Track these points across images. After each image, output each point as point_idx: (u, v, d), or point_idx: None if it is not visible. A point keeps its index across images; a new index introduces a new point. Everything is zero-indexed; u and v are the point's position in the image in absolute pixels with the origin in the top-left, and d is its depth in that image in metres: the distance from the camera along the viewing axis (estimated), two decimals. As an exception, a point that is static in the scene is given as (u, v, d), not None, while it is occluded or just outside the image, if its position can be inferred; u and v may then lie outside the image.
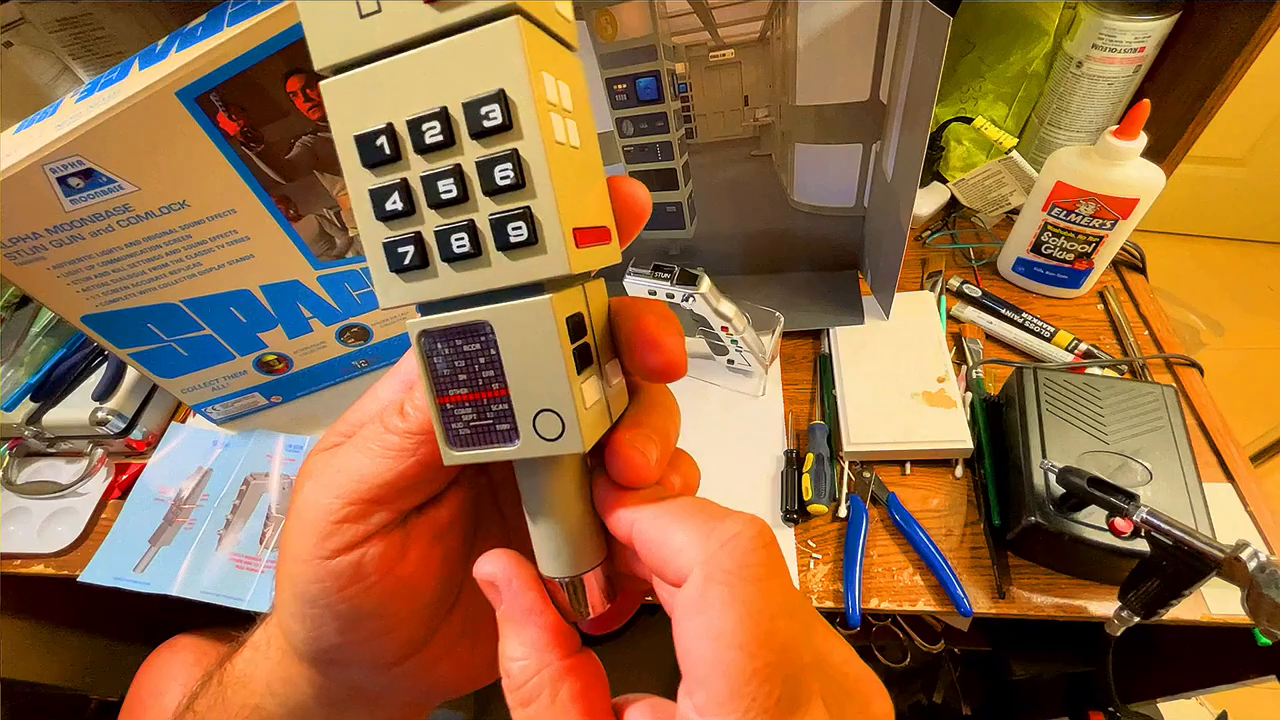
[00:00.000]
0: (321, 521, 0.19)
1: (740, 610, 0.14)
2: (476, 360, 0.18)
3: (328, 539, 0.19)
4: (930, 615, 0.80)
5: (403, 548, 0.20)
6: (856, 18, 0.50)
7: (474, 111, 0.16)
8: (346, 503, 0.19)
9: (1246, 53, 0.57)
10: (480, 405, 0.18)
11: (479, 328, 0.17)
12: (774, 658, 0.14)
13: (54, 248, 0.46)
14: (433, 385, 0.18)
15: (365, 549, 0.19)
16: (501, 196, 0.16)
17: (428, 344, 0.18)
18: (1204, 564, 0.39)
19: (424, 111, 0.16)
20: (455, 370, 0.18)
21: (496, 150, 0.16)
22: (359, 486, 0.19)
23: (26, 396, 0.64)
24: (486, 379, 0.18)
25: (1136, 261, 0.71)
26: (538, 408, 0.17)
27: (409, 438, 0.19)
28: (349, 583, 0.19)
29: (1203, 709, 0.99)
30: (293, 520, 0.20)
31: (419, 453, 0.19)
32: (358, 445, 0.20)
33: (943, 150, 0.75)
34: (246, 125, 0.45)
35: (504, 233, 0.17)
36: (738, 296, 0.57)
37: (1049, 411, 0.51)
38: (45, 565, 0.59)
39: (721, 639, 0.14)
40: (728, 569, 0.15)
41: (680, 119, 0.59)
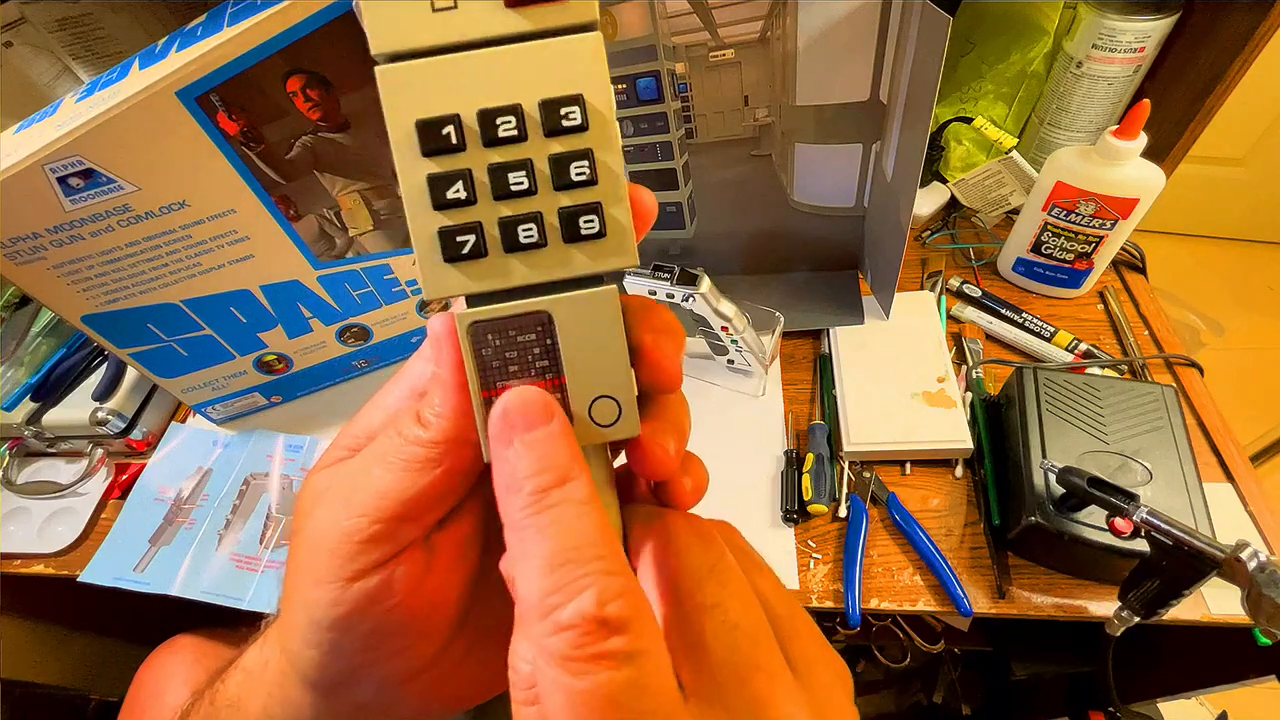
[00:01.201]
0: (344, 543, 0.18)
1: None
2: (530, 350, 0.18)
3: (351, 561, 0.18)
4: (930, 615, 0.80)
5: (428, 563, 0.20)
6: (856, 18, 0.50)
7: (552, 111, 0.17)
8: (373, 521, 0.18)
9: (1246, 53, 0.57)
10: None
11: (538, 318, 0.18)
12: None
13: (54, 248, 0.46)
14: (480, 378, 0.18)
15: (393, 569, 0.19)
16: (574, 191, 0.17)
17: (477, 336, 0.18)
18: (1204, 564, 0.39)
19: (497, 105, 0.17)
20: (506, 362, 0.18)
21: (573, 148, 0.17)
22: (383, 504, 0.18)
23: (26, 396, 0.63)
24: (540, 369, 0.18)
25: (1136, 261, 0.71)
26: (595, 395, 0.18)
27: (434, 448, 0.18)
28: (374, 604, 0.19)
29: (1203, 709, 0.99)
30: (307, 543, 0.19)
31: (445, 463, 0.18)
32: (376, 459, 0.19)
33: (943, 150, 0.75)
34: (246, 125, 0.45)
35: (574, 226, 0.17)
36: (738, 296, 0.57)
37: (1049, 411, 0.51)
38: (45, 565, 0.59)
39: None
40: (557, 660, 0.15)
41: (680, 119, 0.59)
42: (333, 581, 0.18)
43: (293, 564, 0.20)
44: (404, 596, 0.19)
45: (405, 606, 0.19)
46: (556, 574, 0.15)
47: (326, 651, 0.19)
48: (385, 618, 0.19)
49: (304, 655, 0.20)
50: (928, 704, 0.94)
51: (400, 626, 0.19)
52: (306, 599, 0.19)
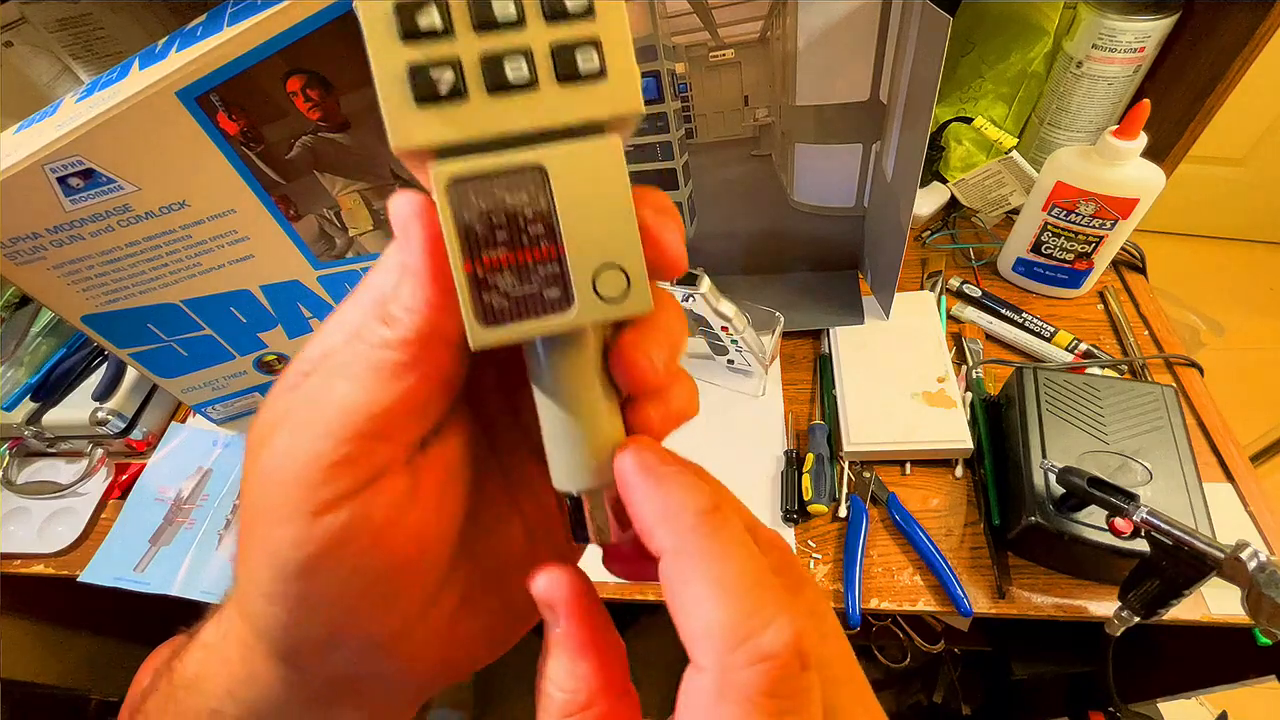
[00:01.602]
0: (310, 470, 0.15)
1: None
2: (522, 213, 0.15)
3: (319, 489, 0.15)
4: (930, 615, 0.80)
5: (410, 492, 0.17)
6: (856, 18, 0.50)
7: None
8: (341, 441, 0.15)
9: (1246, 53, 0.57)
10: (524, 268, 0.15)
11: (531, 173, 0.15)
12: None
13: (54, 248, 0.46)
14: (462, 247, 0.15)
15: (371, 497, 0.16)
16: (569, 23, 0.15)
17: (459, 195, 0.15)
18: (1204, 564, 0.39)
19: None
20: (493, 227, 0.15)
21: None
22: (354, 420, 0.15)
23: (26, 396, 0.63)
24: (534, 235, 0.15)
25: (1136, 261, 0.71)
26: (598, 264, 0.15)
27: (405, 349, 0.15)
28: (348, 542, 0.16)
29: (1203, 709, 0.99)
30: (262, 480, 0.16)
31: (420, 366, 0.16)
32: (339, 373, 0.16)
33: (943, 150, 0.75)
34: (246, 125, 0.45)
35: (570, 62, 0.15)
36: (738, 296, 0.57)
37: (1049, 411, 0.51)
38: (45, 565, 0.59)
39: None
40: (749, 697, 0.13)
41: (680, 119, 0.59)
42: (297, 517, 0.15)
43: (247, 507, 0.17)
44: (384, 532, 0.16)
45: (386, 545, 0.16)
46: (750, 597, 0.14)
47: (294, 607, 0.16)
48: (362, 559, 0.16)
49: (267, 614, 0.17)
50: (928, 704, 0.94)
51: (381, 570, 0.17)
52: (267, 543, 0.16)
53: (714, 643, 0.14)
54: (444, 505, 0.18)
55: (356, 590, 0.16)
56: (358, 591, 0.17)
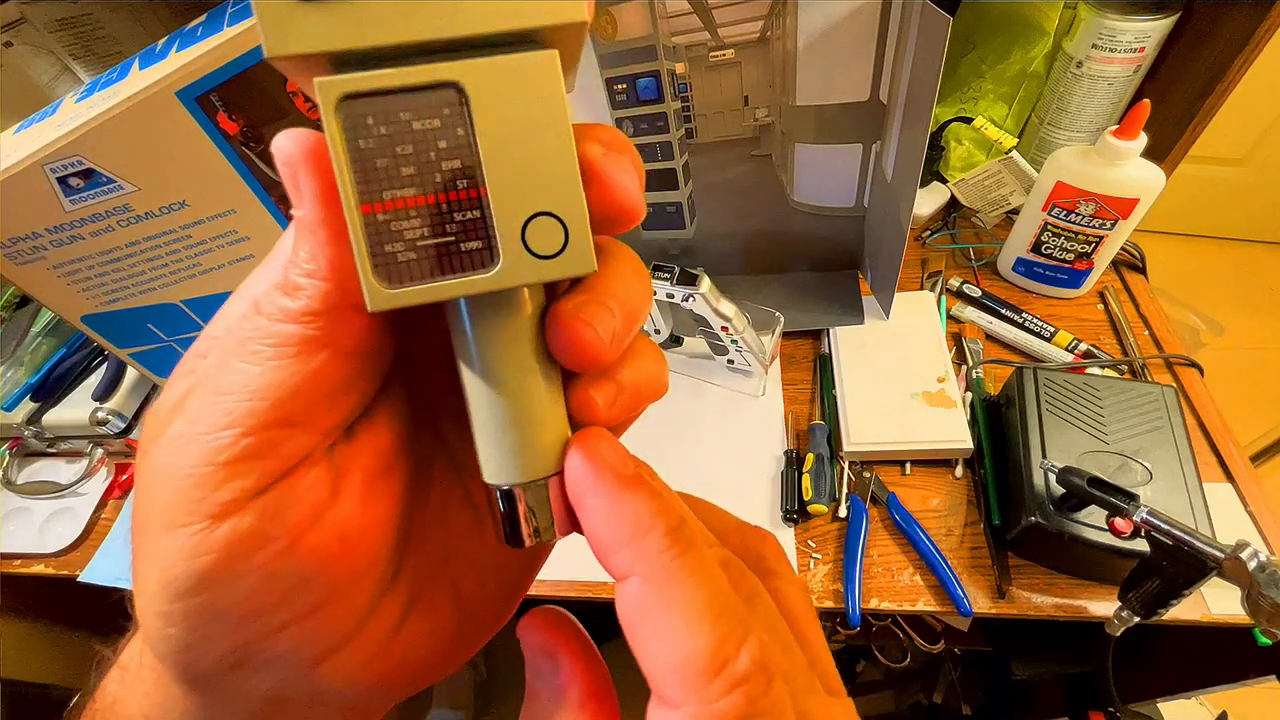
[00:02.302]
0: (205, 466, 0.13)
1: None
2: (434, 145, 0.12)
3: (218, 489, 0.13)
4: (930, 615, 0.79)
5: (332, 485, 0.15)
6: (856, 18, 0.50)
7: None
8: (243, 432, 0.13)
9: (1246, 53, 0.57)
10: (437, 212, 0.13)
11: (443, 93, 0.12)
12: None
13: (54, 248, 0.46)
14: (357, 184, 0.12)
15: (281, 494, 0.14)
16: None
17: (353, 118, 0.12)
18: (1204, 564, 0.39)
19: None
20: (397, 160, 0.12)
21: None
22: (255, 406, 0.13)
23: (26, 396, 0.64)
24: (449, 173, 0.12)
25: (1136, 261, 0.71)
26: (530, 211, 0.13)
27: (311, 321, 0.13)
28: (256, 548, 0.13)
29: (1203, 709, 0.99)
30: (151, 478, 0.13)
31: (333, 340, 0.13)
32: (236, 353, 0.13)
33: (943, 150, 0.75)
34: (246, 125, 0.45)
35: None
36: (738, 296, 0.57)
37: (1049, 411, 0.51)
38: (45, 565, 0.59)
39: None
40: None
41: (680, 119, 0.59)
42: (192, 523, 0.13)
43: (138, 509, 0.14)
44: (300, 536, 0.14)
45: (303, 551, 0.14)
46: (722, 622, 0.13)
47: (193, 627, 0.14)
48: (274, 568, 0.14)
49: (165, 636, 0.14)
50: (928, 704, 0.94)
51: (298, 581, 0.14)
52: (157, 555, 0.13)
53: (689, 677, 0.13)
54: (376, 498, 0.16)
55: (271, 603, 0.14)
56: (273, 604, 0.14)
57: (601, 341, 0.14)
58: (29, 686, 0.72)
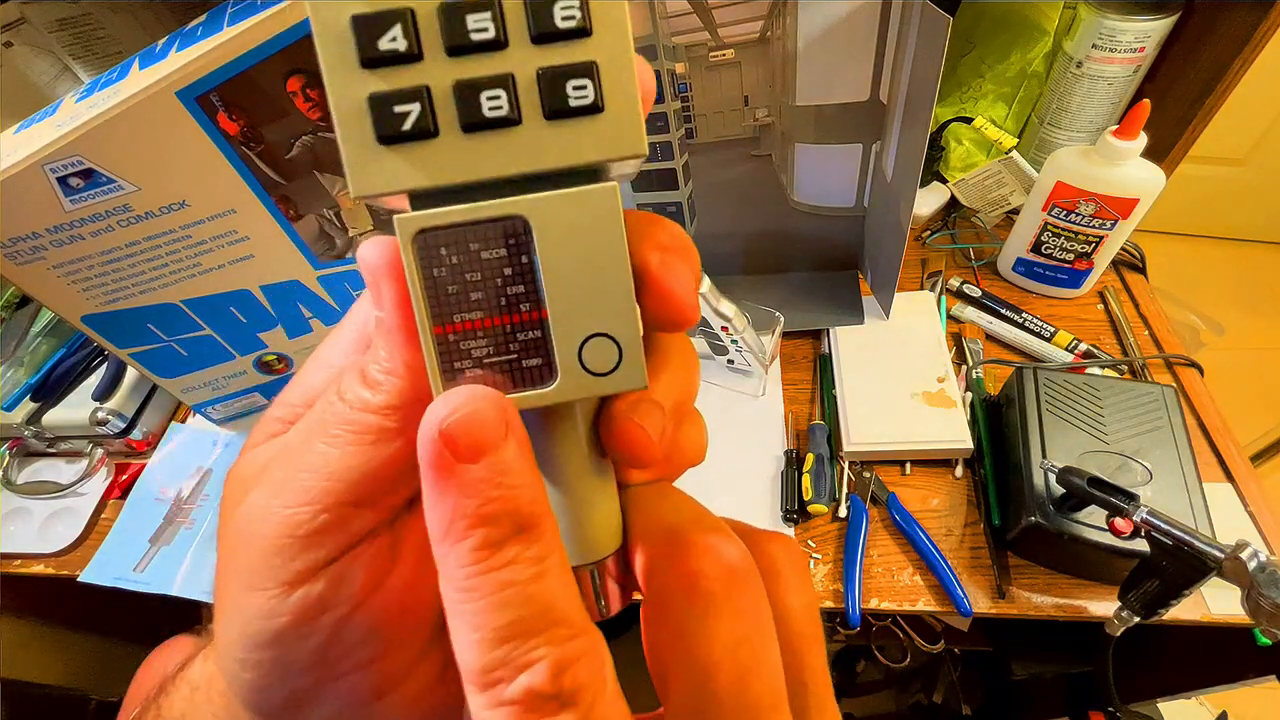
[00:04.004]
0: (284, 538, 0.15)
1: None
2: (500, 272, 0.13)
3: (294, 559, 0.15)
4: (930, 615, 0.80)
5: (392, 557, 0.16)
6: (856, 18, 0.50)
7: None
8: (319, 509, 0.15)
9: (1247, 53, 0.57)
10: (501, 334, 0.14)
11: (509, 225, 0.13)
12: None
13: (54, 248, 0.46)
14: (431, 309, 0.13)
15: (347, 565, 0.15)
16: (560, 46, 0.12)
17: (427, 250, 0.13)
18: (1204, 564, 0.39)
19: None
20: (467, 287, 0.13)
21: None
22: (333, 486, 0.15)
23: (26, 396, 0.63)
24: (514, 297, 0.13)
25: (1136, 261, 0.71)
26: (586, 333, 0.14)
27: (388, 414, 0.14)
28: (324, 612, 0.15)
29: (1203, 709, 0.99)
30: (236, 539, 0.15)
31: (407, 431, 0.14)
32: (317, 431, 0.15)
33: (943, 150, 0.75)
34: (246, 125, 0.45)
35: (560, 94, 0.12)
36: (738, 296, 0.57)
37: (1049, 411, 0.51)
38: (45, 565, 0.59)
39: None
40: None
41: (680, 119, 0.59)
42: (269, 588, 0.15)
43: (221, 564, 0.16)
44: (363, 600, 0.16)
45: (366, 613, 0.16)
46: (504, 647, 0.13)
47: (266, 673, 0.16)
48: (339, 629, 0.15)
49: (240, 678, 0.16)
50: (928, 704, 0.94)
51: (360, 638, 0.16)
52: (238, 610, 0.15)
53: (464, 677, 0.13)
54: (428, 566, 0.16)
55: (334, 657, 0.16)
56: (335, 658, 0.16)
57: (652, 441, 0.15)
58: (29, 686, 0.72)
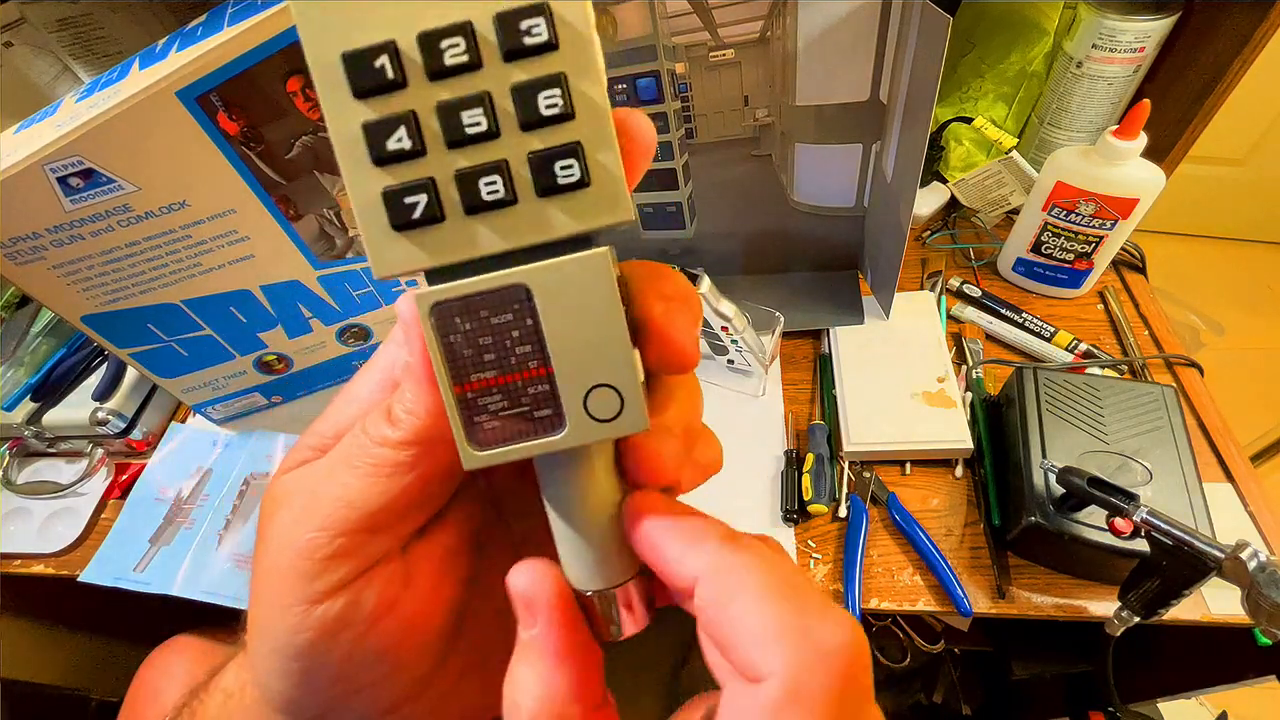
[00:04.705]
0: (305, 560, 0.16)
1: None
2: (508, 334, 0.15)
3: (315, 580, 0.16)
4: (930, 615, 0.80)
5: (406, 578, 0.18)
6: (856, 18, 0.50)
7: (511, 26, 0.13)
8: (337, 534, 0.16)
9: (1247, 53, 0.57)
10: (513, 389, 0.15)
11: (513, 293, 0.15)
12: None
13: (54, 248, 0.46)
14: (450, 370, 0.15)
15: (363, 587, 0.17)
16: (546, 130, 0.14)
17: (443, 319, 0.15)
18: (1204, 564, 0.39)
19: (442, 24, 0.14)
20: (480, 350, 0.15)
21: (541, 73, 0.14)
22: (350, 514, 0.16)
23: (26, 396, 0.63)
24: (522, 356, 0.15)
25: (1136, 261, 0.71)
26: (590, 384, 0.15)
27: (406, 449, 0.16)
28: (344, 629, 0.17)
29: (1203, 709, 0.99)
30: (266, 559, 0.17)
31: (420, 466, 0.16)
32: (342, 462, 0.17)
33: (943, 150, 0.75)
34: (246, 125, 0.45)
35: (550, 174, 0.14)
36: (738, 296, 0.57)
37: (1049, 411, 0.51)
38: (45, 565, 0.59)
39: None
40: (818, 695, 0.13)
41: (680, 119, 0.59)
42: (295, 605, 0.16)
43: (254, 582, 0.17)
44: (379, 619, 0.17)
45: (382, 631, 0.17)
46: (800, 595, 0.14)
47: (295, 684, 0.17)
48: (358, 644, 0.17)
49: (272, 687, 0.18)
50: (928, 704, 0.94)
51: (377, 653, 0.17)
52: (268, 625, 0.17)
53: (779, 643, 0.13)
54: (439, 589, 0.19)
55: (352, 671, 0.17)
56: (353, 672, 0.17)
57: (667, 465, 0.17)
58: (29, 686, 0.72)
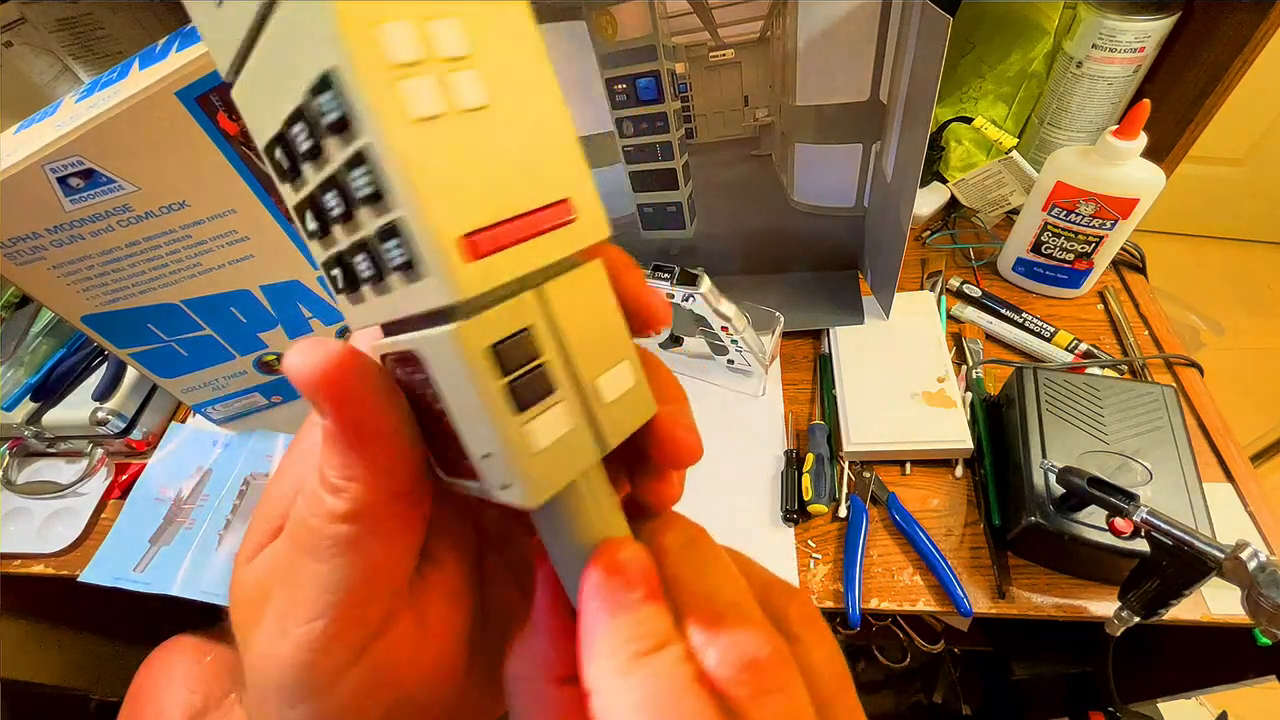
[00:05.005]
0: (304, 654, 0.15)
1: None
2: (426, 391, 0.14)
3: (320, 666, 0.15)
4: (930, 615, 0.80)
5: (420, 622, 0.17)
6: (856, 18, 0.50)
7: (313, 104, 0.12)
8: (330, 621, 0.15)
9: (1247, 53, 0.57)
10: (447, 437, 0.15)
11: (412, 356, 0.14)
12: None
13: (54, 248, 0.46)
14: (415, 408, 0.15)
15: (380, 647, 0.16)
16: (372, 210, 0.13)
17: (393, 367, 0.15)
18: (1204, 564, 0.39)
19: (289, 110, 0.13)
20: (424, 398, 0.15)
21: (348, 152, 0.13)
22: (334, 598, 0.15)
23: (26, 396, 0.64)
24: (438, 413, 0.15)
25: (1136, 261, 0.71)
26: (480, 451, 0.14)
27: (360, 520, 0.15)
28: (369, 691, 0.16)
29: (1203, 709, 0.99)
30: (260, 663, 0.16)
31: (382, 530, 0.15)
32: (303, 553, 0.15)
33: (943, 150, 0.75)
34: (246, 125, 0.45)
35: (384, 256, 0.13)
36: (738, 296, 0.57)
37: (1049, 411, 0.51)
38: (45, 565, 0.59)
39: None
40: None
41: (680, 119, 0.59)
42: (309, 695, 0.15)
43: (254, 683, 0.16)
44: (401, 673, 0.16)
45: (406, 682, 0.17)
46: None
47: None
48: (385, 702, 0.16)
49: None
50: (928, 704, 0.94)
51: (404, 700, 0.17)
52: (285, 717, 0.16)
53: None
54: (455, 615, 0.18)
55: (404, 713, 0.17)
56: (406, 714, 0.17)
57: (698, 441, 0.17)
58: (29, 686, 0.72)
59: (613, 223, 0.77)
